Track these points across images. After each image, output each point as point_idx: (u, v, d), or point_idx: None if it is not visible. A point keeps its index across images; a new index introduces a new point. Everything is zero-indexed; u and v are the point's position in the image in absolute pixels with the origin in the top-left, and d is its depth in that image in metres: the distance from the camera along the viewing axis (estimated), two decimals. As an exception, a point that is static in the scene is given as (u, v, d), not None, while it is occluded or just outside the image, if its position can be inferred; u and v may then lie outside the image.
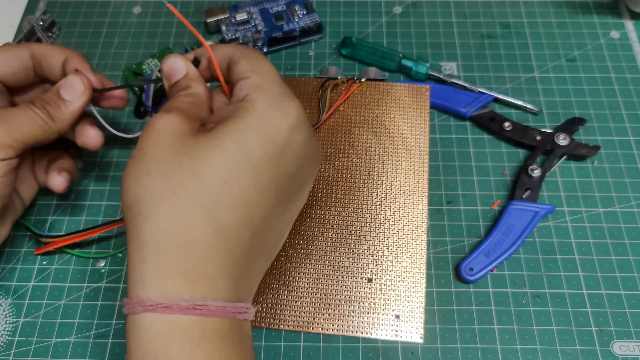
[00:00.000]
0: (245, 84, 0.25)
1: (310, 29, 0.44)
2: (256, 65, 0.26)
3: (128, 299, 0.22)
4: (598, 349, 0.32)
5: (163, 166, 0.22)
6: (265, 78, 0.25)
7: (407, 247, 0.34)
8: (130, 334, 0.21)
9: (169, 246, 0.21)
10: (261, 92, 0.25)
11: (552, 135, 0.38)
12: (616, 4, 0.46)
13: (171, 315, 0.21)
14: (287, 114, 0.24)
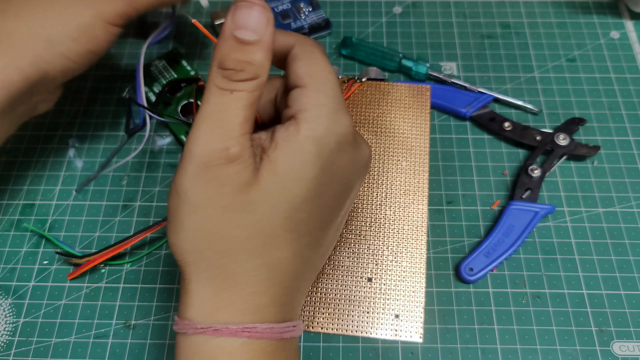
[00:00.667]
0: (300, 94, 0.23)
1: (319, 25, 0.44)
2: (315, 70, 0.24)
3: (180, 319, 0.23)
4: (598, 349, 0.32)
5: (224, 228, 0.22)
6: (321, 89, 0.23)
7: (407, 246, 0.34)
8: (179, 351, 0.23)
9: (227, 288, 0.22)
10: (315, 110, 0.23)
11: (552, 136, 0.38)
12: (616, 4, 0.46)
13: (220, 337, 0.22)
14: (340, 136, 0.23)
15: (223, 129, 0.21)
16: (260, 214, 0.22)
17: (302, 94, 0.23)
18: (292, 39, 0.25)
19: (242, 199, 0.22)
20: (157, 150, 0.39)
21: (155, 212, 0.37)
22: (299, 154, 0.22)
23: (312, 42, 0.25)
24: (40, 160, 0.39)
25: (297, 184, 0.22)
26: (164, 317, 0.33)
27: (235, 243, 0.22)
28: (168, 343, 0.32)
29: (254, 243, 0.22)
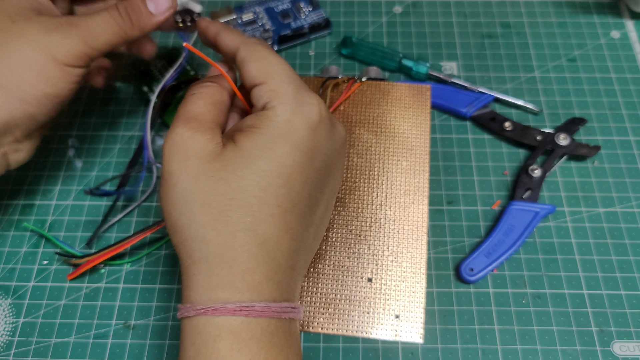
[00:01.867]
0: (261, 91, 0.26)
1: (319, 25, 0.44)
2: (266, 66, 0.26)
3: (181, 304, 0.24)
4: (598, 349, 0.32)
5: (200, 195, 0.23)
6: (278, 80, 0.25)
7: (408, 247, 0.34)
8: (184, 334, 0.23)
9: (219, 266, 0.23)
10: (279, 97, 0.25)
11: (553, 135, 0.38)
12: (616, 4, 0.46)
13: (220, 317, 0.22)
14: (308, 115, 0.25)
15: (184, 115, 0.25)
16: (231, 184, 0.23)
17: (262, 90, 0.25)
18: (236, 41, 0.27)
19: (209, 165, 0.24)
20: (157, 150, 0.39)
21: (155, 212, 0.37)
22: (264, 135, 0.24)
23: (254, 40, 0.27)
24: (40, 160, 0.39)
25: (264, 159, 0.24)
26: (164, 317, 0.33)
27: (217, 214, 0.23)
28: (168, 343, 0.32)
29: (235, 215, 0.23)
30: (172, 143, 0.24)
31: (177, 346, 0.32)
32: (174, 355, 0.32)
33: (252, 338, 0.22)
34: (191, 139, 0.24)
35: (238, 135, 0.25)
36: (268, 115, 0.25)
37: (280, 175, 0.24)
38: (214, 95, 0.27)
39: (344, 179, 0.36)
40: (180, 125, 0.25)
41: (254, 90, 0.26)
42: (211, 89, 0.27)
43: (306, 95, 0.26)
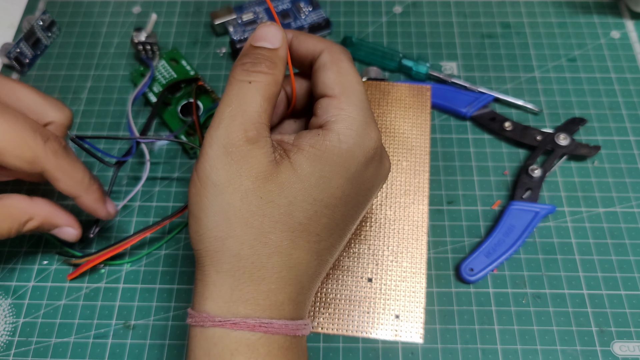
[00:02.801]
0: (330, 105, 0.24)
1: (320, 25, 0.44)
2: (345, 81, 0.24)
3: (195, 312, 0.23)
4: (598, 349, 0.32)
5: (244, 214, 0.22)
6: (352, 101, 0.24)
7: (408, 247, 0.34)
8: (194, 343, 0.23)
9: (246, 282, 0.22)
10: (346, 122, 0.23)
11: (553, 135, 0.38)
12: (616, 4, 0.46)
13: (238, 331, 0.22)
14: (368, 148, 0.24)
15: (241, 116, 0.23)
16: (280, 208, 0.22)
17: (331, 105, 0.24)
18: (320, 45, 0.25)
19: (261, 185, 0.22)
20: (156, 150, 0.39)
21: (155, 212, 0.37)
22: (324, 163, 0.23)
23: (340, 49, 0.25)
24: (40, 160, 0.39)
25: (319, 189, 0.23)
26: (164, 317, 0.33)
27: (257, 234, 0.22)
28: (168, 343, 0.32)
29: (276, 238, 0.22)
30: (225, 152, 0.22)
31: (177, 346, 0.32)
32: (174, 355, 0.32)
33: (269, 354, 0.22)
34: (248, 154, 0.22)
35: (297, 155, 0.23)
36: (332, 138, 0.23)
37: (328, 206, 0.23)
38: (270, 87, 0.24)
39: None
40: (238, 133, 0.22)
41: (322, 100, 0.24)
42: (269, 76, 0.24)
43: (371, 127, 0.24)
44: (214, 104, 0.40)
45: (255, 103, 0.23)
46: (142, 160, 0.39)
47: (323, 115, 0.24)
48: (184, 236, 0.36)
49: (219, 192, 0.22)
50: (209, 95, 0.40)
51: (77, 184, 0.29)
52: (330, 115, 0.24)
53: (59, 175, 0.28)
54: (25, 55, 0.43)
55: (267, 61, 0.24)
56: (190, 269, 0.35)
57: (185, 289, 0.34)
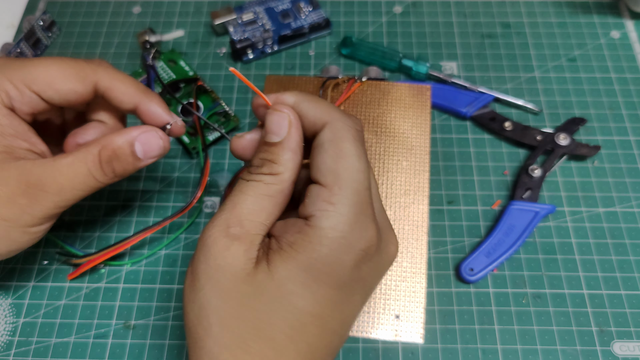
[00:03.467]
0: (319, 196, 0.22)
1: (319, 25, 0.44)
2: (342, 168, 0.22)
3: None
4: (598, 349, 0.32)
5: (223, 316, 0.21)
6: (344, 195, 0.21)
7: (408, 246, 0.34)
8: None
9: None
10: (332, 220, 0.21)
11: (553, 135, 0.38)
12: (616, 4, 0.46)
13: None
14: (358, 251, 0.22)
15: (228, 211, 0.22)
16: (258, 314, 0.21)
17: (320, 196, 0.22)
18: (325, 117, 0.23)
19: (238, 286, 0.21)
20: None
21: (155, 212, 0.37)
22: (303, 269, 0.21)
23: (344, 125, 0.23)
24: (40, 160, 0.39)
25: (300, 297, 0.21)
26: (164, 317, 0.33)
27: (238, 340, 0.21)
28: (168, 343, 0.32)
29: (258, 347, 0.21)
30: (204, 244, 0.22)
31: (177, 346, 0.32)
32: (174, 355, 0.32)
33: None
34: (225, 248, 0.21)
35: (275, 254, 0.21)
36: (312, 238, 0.21)
37: (315, 315, 0.21)
38: (272, 186, 0.22)
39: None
40: (220, 227, 0.22)
41: (314, 187, 0.22)
42: (270, 176, 0.22)
43: (363, 225, 0.22)
44: (214, 103, 0.40)
45: (250, 200, 0.22)
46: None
47: (310, 206, 0.22)
48: (184, 236, 0.36)
49: (201, 286, 0.21)
50: (208, 95, 0.40)
51: (134, 89, 0.27)
52: (316, 209, 0.21)
53: (114, 83, 0.27)
54: (25, 55, 0.43)
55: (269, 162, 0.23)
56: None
57: (185, 289, 0.34)
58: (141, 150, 0.26)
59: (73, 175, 0.25)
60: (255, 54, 0.43)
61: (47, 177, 0.25)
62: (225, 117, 0.39)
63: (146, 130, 0.27)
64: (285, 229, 0.22)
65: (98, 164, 0.26)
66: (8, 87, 0.25)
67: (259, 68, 0.43)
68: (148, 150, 0.27)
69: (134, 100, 0.27)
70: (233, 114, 0.39)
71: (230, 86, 0.42)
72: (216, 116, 0.39)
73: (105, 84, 0.27)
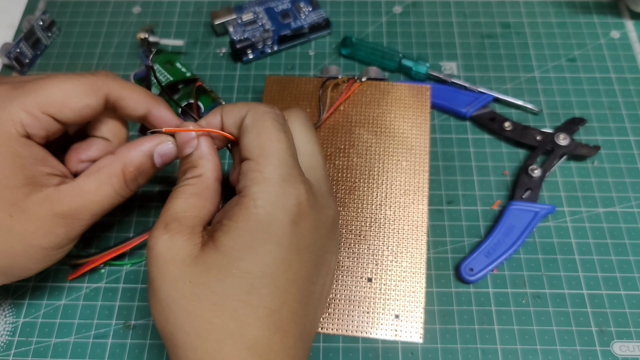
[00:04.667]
0: (248, 168, 0.24)
1: (319, 25, 0.44)
2: (262, 142, 0.24)
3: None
4: (598, 349, 0.32)
5: (182, 302, 0.22)
6: (268, 161, 0.24)
7: (407, 246, 0.34)
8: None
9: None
10: (261, 184, 0.23)
11: (553, 135, 0.38)
12: (616, 4, 0.46)
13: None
14: (289, 207, 0.23)
15: (163, 214, 0.25)
16: (212, 288, 0.22)
17: (249, 168, 0.24)
18: (244, 109, 0.26)
19: (187, 269, 0.23)
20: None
21: (155, 212, 0.37)
22: (242, 233, 0.23)
23: (263, 108, 0.25)
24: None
25: (245, 260, 0.22)
26: (164, 317, 0.33)
27: (200, 321, 0.22)
28: (168, 343, 0.32)
29: (220, 322, 0.22)
30: (150, 248, 0.24)
31: (177, 346, 0.32)
32: None
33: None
34: (168, 242, 0.23)
35: (217, 232, 0.23)
36: (247, 205, 0.23)
37: (264, 275, 0.23)
38: (197, 185, 0.25)
39: (344, 179, 0.36)
40: (159, 228, 0.24)
41: (243, 164, 0.24)
42: (193, 179, 0.26)
43: (291, 184, 0.24)
44: (214, 103, 0.40)
45: (180, 200, 0.25)
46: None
47: (242, 180, 0.24)
48: (183, 236, 0.36)
49: (157, 287, 0.23)
50: (208, 95, 0.40)
51: (145, 96, 0.28)
52: (247, 180, 0.24)
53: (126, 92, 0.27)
54: (25, 55, 0.43)
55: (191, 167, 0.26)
56: (190, 268, 0.35)
57: (185, 288, 0.34)
58: (160, 160, 0.28)
59: (102, 198, 0.27)
60: (255, 54, 0.43)
61: (77, 205, 0.26)
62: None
63: (161, 141, 0.28)
64: (224, 210, 0.25)
65: (124, 183, 0.27)
66: (23, 116, 0.25)
67: (259, 68, 0.43)
68: (166, 159, 0.28)
69: (146, 107, 0.28)
70: (233, 114, 0.39)
71: (231, 86, 0.42)
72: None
73: (117, 94, 0.27)
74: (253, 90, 0.42)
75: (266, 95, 0.39)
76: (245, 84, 0.42)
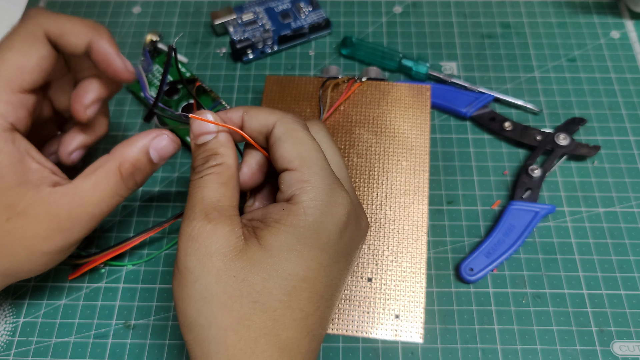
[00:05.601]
0: (292, 178, 0.24)
1: (319, 25, 0.44)
2: (303, 151, 0.24)
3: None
4: (598, 349, 0.32)
5: (222, 297, 0.22)
6: (313, 171, 0.24)
7: (408, 246, 0.34)
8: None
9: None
10: (310, 193, 0.23)
11: (553, 135, 0.38)
12: (616, 4, 0.46)
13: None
14: (338, 216, 0.24)
15: (200, 203, 0.24)
16: (255, 286, 0.22)
17: (294, 178, 0.24)
18: (272, 117, 0.25)
19: (231, 264, 0.22)
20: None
21: (155, 212, 0.37)
22: (291, 236, 0.23)
23: (292, 118, 0.26)
24: (40, 160, 0.39)
25: (291, 262, 0.23)
26: (164, 317, 0.33)
27: (239, 317, 0.22)
28: (168, 343, 0.32)
29: (258, 320, 0.22)
30: (190, 237, 0.23)
31: (177, 346, 0.32)
32: (174, 355, 0.32)
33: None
34: (212, 233, 0.23)
35: (263, 231, 0.23)
36: (297, 211, 0.23)
37: (306, 279, 0.23)
38: (223, 174, 0.25)
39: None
40: (199, 217, 0.23)
41: (285, 174, 0.24)
42: (218, 167, 0.25)
43: (337, 193, 0.24)
44: (215, 102, 0.40)
45: (212, 189, 0.24)
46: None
47: (287, 190, 0.24)
48: (184, 236, 0.36)
49: (195, 278, 0.22)
50: (208, 95, 0.40)
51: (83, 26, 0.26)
52: (294, 189, 0.24)
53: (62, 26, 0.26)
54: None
55: (213, 155, 0.25)
56: (190, 268, 0.35)
57: (185, 288, 0.34)
58: (156, 155, 0.27)
59: (99, 199, 0.26)
60: (255, 54, 0.43)
61: (74, 206, 0.26)
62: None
63: (156, 135, 0.27)
64: (267, 212, 0.24)
65: (121, 182, 0.27)
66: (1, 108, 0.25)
67: (259, 68, 0.43)
68: (163, 153, 0.28)
69: (86, 38, 0.27)
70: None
71: (231, 86, 0.42)
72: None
73: (54, 31, 0.26)
74: (253, 90, 0.42)
75: (266, 95, 0.39)
76: (245, 84, 0.42)
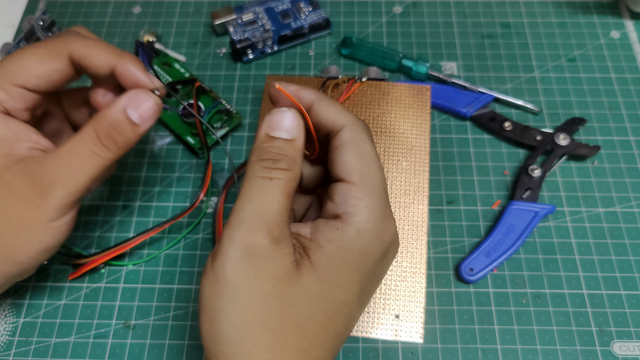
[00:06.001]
0: (349, 193, 0.23)
1: (319, 25, 0.44)
2: (366, 167, 0.23)
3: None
4: (598, 349, 0.32)
5: (265, 319, 0.21)
6: (371, 192, 0.23)
7: (408, 246, 0.34)
8: None
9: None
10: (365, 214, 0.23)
11: (553, 135, 0.38)
12: (616, 4, 0.46)
13: None
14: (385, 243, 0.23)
15: (264, 214, 0.22)
16: (301, 312, 0.22)
17: (350, 193, 0.23)
18: (343, 119, 0.24)
19: (282, 289, 0.21)
20: (157, 150, 0.39)
21: (155, 212, 0.37)
22: (344, 261, 0.22)
23: (362, 127, 0.24)
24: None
25: (339, 288, 0.22)
26: (164, 317, 0.33)
27: (278, 338, 0.21)
28: (168, 343, 0.32)
29: (296, 341, 0.21)
30: (246, 252, 0.21)
31: (177, 346, 0.32)
32: (174, 355, 0.32)
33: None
34: (271, 255, 0.21)
35: (316, 253, 0.22)
36: (351, 234, 0.22)
37: (346, 303, 0.23)
38: (290, 184, 0.23)
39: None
40: (262, 232, 0.21)
41: (340, 185, 0.23)
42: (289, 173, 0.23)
43: (389, 220, 0.23)
44: (215, 102, 0.40)
45: (277, 201, 0.22)
46: (142, 160, 0.39)
47: (341, 204, 0.23)
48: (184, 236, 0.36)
49: (238, 295, 0.21)
50: (208, 95, 0.40)
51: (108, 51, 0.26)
52: (348, 206, 0.23)
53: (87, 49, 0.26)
54: (25, 55, 0.43)
55: (287, 157, 0.23)
56: (191, 268, 0.35)
57: (185, 288, 0.34)
58: (136, 115, 0.26)
59: (76, 158, 0.25)
60: (255, 54, 0.43)
61: (50, 167, 0.25)
62: (228, 115, 0.39)
63: (134, 94, 0.26)
64: (316, 229, 0.23)
65: (97, 141, 0.25)
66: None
67: (259, 68, 0.43)
68: (143, 113, 0.26)
69: (109, 63, 0.27)
70: (235, 112, 0.39)
71: (230, 86, 0.42)
72: (218, 114, 0.39)
73: (78, 53, 0.26)
74: (253, 90, 0.42)
75: (266, 95, 0.39)
76: (245, 84, 0.42)
